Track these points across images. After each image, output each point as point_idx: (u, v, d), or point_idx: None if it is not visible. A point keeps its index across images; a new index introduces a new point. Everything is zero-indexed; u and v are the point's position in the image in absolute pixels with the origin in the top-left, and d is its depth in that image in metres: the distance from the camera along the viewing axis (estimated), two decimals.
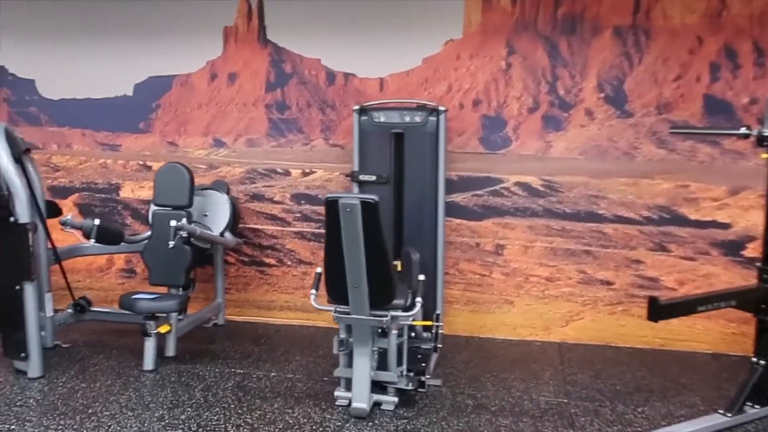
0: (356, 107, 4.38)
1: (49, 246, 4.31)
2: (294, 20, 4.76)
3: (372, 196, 3.10)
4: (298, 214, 4.94)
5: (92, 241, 3.89)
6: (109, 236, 4.04)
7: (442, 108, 4.26)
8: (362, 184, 4.40)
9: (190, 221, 4.19)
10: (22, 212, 3.78)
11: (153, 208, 4.35)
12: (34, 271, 3.82)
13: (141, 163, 5.11)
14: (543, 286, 4.67)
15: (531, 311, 4.71)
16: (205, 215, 4.50)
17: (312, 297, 3.49)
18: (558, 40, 4.47)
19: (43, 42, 5.10)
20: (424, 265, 4.13)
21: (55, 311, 4.33)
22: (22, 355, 3.90)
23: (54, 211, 4.43)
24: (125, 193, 5.15)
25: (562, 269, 4.64)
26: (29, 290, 3.84)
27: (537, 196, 4.62)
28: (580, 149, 4.53)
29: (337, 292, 3.36)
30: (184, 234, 3.83)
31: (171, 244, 3.86)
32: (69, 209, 5.23)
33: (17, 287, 3.81)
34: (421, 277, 3.57)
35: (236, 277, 5.09)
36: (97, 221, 3.91)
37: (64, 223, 3.89)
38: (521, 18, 4.49)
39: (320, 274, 3.46)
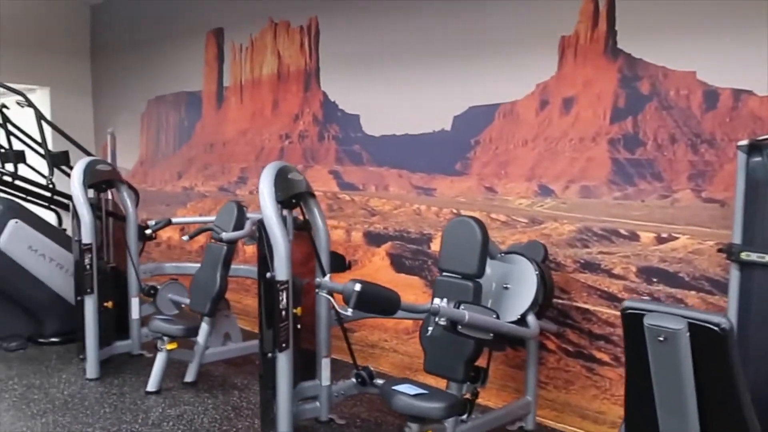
0: (742, 143, 2.74)
1: (330, 306, 3.68)
2: (660, 19, 3.30)
3: (718, 318, 1.58)
4: (646, 297, 3.41)
5: (350, 311, 3.08)
6: (375, 305, 3.15)
7: None
8: (746, 267, 2.73)
9: (476, 298, 3.10)
10: (280, 268, 3.19)
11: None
12: (284, 338, 3.19)
13: (455, 211, 4.21)
14: None
15: None
16: (506, 287, 3.34)
17: None
18: None
19: (366, 74, 4.63)
20: None
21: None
22: None
23: (340, 265, 3.81)
24: (436, 247, 4.30)
25: None
26: (282, 360, 3.23)
27: None
28: None
29: None
30: (442, 321, 2.75)
31: (429, 330, 2.82)
32: (381, 258, 4.64)
33: (269, 354, 3.24)
34: None
35: (556, 369, 3.78)
36: (358, 286, 3.07)
37: (318, 287, 3.17)
38: None
39: None
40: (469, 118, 4.11)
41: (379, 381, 3.77)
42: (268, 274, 3.22)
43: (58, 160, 4.97)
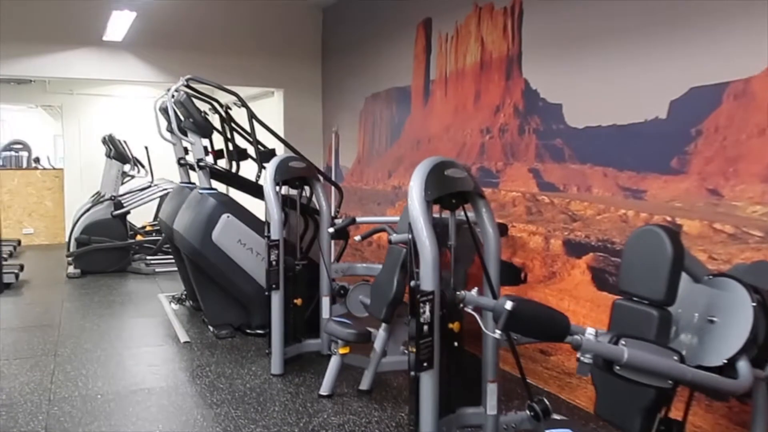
0: None
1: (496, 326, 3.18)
2: None
3: None
4: None
5: (498, 332, 2.57)
6: (532, 328, 2.61)
7: None
8: None
9: (661, 330, 2.38)
10: (425, 276, 2.80)
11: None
12: (426, 356, 2.78)
13: (668, 219, 3.40)
14: None
15: None
16: (711, 321, 2.53)
17: None
18: None
19: (570, 56, 3.99)
20: None
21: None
22: None
23: (513, 277, 3.29)
24: None
25: None
26: (425, 381, 2.84)
27: None
28: None
29: None
30: (586, 358, 2.10)
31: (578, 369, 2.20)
32: (582, 272, 3.97)
33: (412, 373, 2.87)
34: None
35: None
36: (509, 305, 2.55)
37: (462, 301, 2.71)
38: None
39: None
40: (690, 103, 3.28)
41: (557, 417, 3.20)
42: (413, 283, 2.85)
43: (266, 157, 5.13)
